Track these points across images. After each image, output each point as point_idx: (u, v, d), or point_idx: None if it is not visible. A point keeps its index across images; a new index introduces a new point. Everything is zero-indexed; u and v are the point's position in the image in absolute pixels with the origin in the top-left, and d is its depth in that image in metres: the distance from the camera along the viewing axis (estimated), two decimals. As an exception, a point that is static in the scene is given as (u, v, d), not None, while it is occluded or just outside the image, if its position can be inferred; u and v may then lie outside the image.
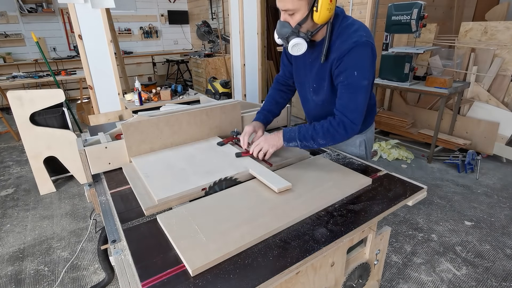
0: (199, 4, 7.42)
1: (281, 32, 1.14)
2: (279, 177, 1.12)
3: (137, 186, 1.14)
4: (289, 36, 1.13)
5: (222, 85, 5.19)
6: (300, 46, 1.13)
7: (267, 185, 1.10)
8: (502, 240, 2.20)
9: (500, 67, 3.39)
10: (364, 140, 1.45)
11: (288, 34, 1.12)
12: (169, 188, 1.08)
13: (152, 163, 1.28)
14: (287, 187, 1.09)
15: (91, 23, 2.90)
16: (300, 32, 1.12)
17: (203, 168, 1.22)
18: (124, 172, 1.27)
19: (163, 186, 1.09)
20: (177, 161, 1.29)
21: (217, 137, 1.53)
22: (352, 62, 1.11)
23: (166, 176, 1.17)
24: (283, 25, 1.13)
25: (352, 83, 1.12)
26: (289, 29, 1.12)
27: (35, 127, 2.77)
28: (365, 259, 1.16)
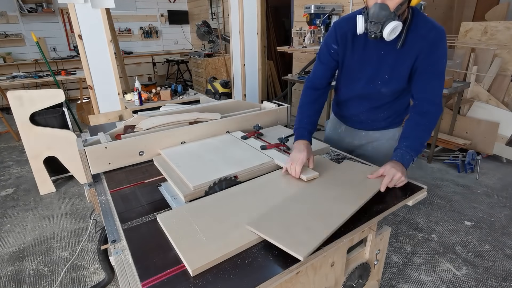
0: (199, 4, 7.42)
1: (379, 15, 1.05)
2: (306, 168, 1.18)
3: (172, 176, 1.19)
4: (387, 19, 1.05)
5: (222, 85, 5.19)
6: (396, 29, 1.07)
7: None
8: (502, 240, 2.20)
9: (500, 67, 3.39)
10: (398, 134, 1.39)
11: (386, 18, 1.05)
12: (202, 176, 1.14)
13: (181, 154, 1.34)
14: (314, 176, 1.15)
15: (91, 23, 2.90)
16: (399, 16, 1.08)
17: (231, 158, 1.29)
18: (155, 163, 1.34)
19: (196, 175, 1.15)
20: (204, 152, 1.36)
21: (240, 131, 1.60)
22: (442, 50, 1.14)
23: (197, 165, 1.23)
24: (382, 8, 1.04)
25: (442, 71, 1.16)
26: (388, 12, 1.04)
27: (35, 127, 2.77)
28: (365, 259, 1.16)
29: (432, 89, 1.18)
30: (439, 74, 1.16)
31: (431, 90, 1.18)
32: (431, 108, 1.18)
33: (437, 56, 1.14)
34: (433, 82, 1.17)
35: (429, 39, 1.12)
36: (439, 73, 1.16)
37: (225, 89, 5.16)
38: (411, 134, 1.18)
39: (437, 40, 1.12)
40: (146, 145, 1.38)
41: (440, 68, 1.16)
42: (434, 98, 1.18)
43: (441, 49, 1.14)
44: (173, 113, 1.62)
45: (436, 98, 1.18)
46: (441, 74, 1.17)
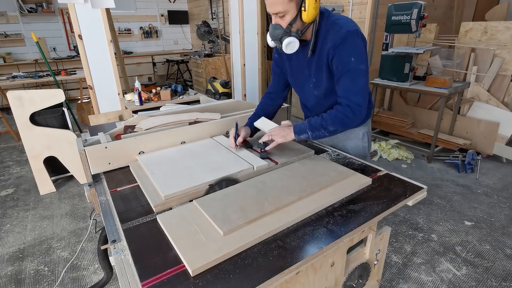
0: (199, 4, 7.42)
1: (274, 34, 1.21)
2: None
3: (145, 184, 1.15)
4: (282, 36, 1.19)
5: (222, 85, 5.19)
6: (293, 44, 1.20)
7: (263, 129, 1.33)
8: (502, 240, 2.20)
9: (500, 67, 3.39)
10: (367, 132, 1.50)
11: (280, 35, 1.19)
12: (175, 184, 1.09)
13: (157, 160, 1.30)
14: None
15: (91, 23, 2.90)
16: (291, 32, 1.19)
17: (208, 165, 1.24)
18: (131, 169, 1.29)
19: (169, 183, 1.10)
20: (181, 158, 1.32)
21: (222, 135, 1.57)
22: (347, 49, 1.18)
23: (172, 173, 1.19)
24: (275, 28, 1.20)
25: (351, 69, 1.19)
26: (281, 30, 1.19)
27: (35, 127, 2.77)
28: (365, 259, 1.16)
29: (343, 87, 1.23)
30: (348, 72, 1.20)
31: (342, 88, 1.23)
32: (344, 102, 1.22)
33: (342, 55, 1.19)
34: (343, 80, 1.22)
35: (334, 41, 1.19)
36: (348, 71, 1.19)
37: (225, 89, 5.16)
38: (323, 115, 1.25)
39: (339, 40, 1.17)
40: (146, 145, 1.38)
41: (349, 66, 1.19)
42: (347, 95, 1.21)
43: (346, 48, 1.18)
44: (173, 113, 1.62)
45: (349, 95, 1.21)
46: (350, 71, 1.19)
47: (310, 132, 1.23)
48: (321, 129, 1.22)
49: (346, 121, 1.22)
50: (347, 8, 3.88)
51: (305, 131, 1.24)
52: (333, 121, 1.21)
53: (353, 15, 3.86)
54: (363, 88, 1.20)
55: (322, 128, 1.22)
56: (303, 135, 1.25)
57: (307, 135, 1.24)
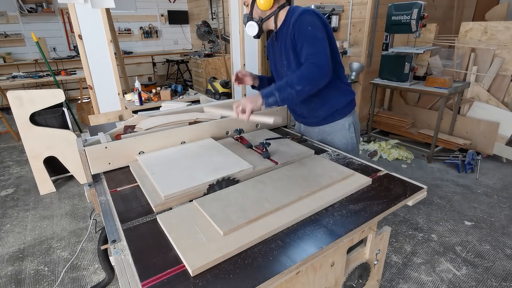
0: (199, 4, 7.42)
1: (244, 20, 1.48)
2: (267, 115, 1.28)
3: (145, 184, 1.15)
4: (247, 21, 1.45)
5: (222, 85, 5.19)
6: (252, 27, 1.44)
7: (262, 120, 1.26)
8: (502, 240, 2.20)
9: (500, 67, 3.39)
10: (353, 123, 1.56)
11: (246, 20, 1.45)
12: (175, 184, 1.09)
13: (157, 160, 1.30)
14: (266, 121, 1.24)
15: (91, 23, 2.90)
16: (253, 18, 1.44)
17: (208, 165, 1.24)
18: (131, 169, 1.29)
19: (169, 183, 1.10)
20: (181, 158, 1.31)
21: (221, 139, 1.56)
22: (304, 23, 1.31)
23: (172, 173, 1.18)
24: (245, 15, 1.47)
25: (309, 36, 1.29)
26: (247, 16, 1.45)
27: (35, 127, 2.77)
28: (365, 259, 1.16)
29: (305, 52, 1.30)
30: (307, 38, 1.29)
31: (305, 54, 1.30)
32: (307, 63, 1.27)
33: (300, 29, 1.31)
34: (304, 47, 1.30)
35: (292, 21, 1.34)
36: (307, 38, 1.29)
37: (225, 89, 5.16)
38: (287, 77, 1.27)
39: (296, 19, 1.32)
40: (146, 145, 1.38)
41: (306, 33, 1.29)
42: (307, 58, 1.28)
43: (303, 21, 1.31)
44: (173, 113, 1.62)
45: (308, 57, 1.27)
46: (307, 38, 1.29)
47: (277, 93, 1.22)
48: (288, 88, 1.22)
49: (312, 78, 1.24)
50: (347, 8, 3.88)
51: (272, 94, 1.22)
52: (299, 79, 1.23)
53: (353, 15, 3.86)
54: (323, 50, 1.27)
55: (289, 87, 1.22)
56: (271, 98, 1.23)
57: (275, 97, 1.22)
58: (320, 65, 1.25)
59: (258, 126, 1.74)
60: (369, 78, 3.90)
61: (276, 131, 1.76)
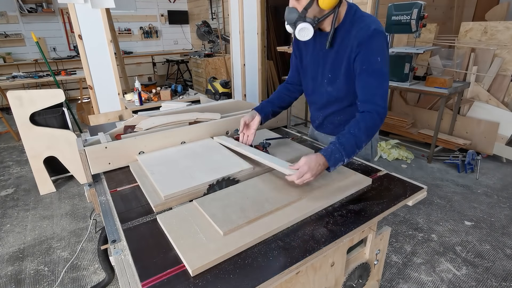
0: (199, 4, 7.42)
1: (288, 17, 1.16)
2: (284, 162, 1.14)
3: (145, 184, 1.15)
4: (296, 21, 1.15)
5: (222, 85, 5.18)
6: (306, 30, 1.14)
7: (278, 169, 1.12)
8: (502, 240, 2.20)
9: (500, 67, 3.39)
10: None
11: (295, 19, 1.15)
12: (175, 184, 1.09)
13: (157, 160, 1.30)
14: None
15: (91, 23, 2.90)
16: (306, 17, 1.14)
17: (208, 165, 1.24)
18: (131, 169, 1.29)
19: (169, 183, 1.11)
20: (181, 158, 1.31)
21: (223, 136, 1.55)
22: (375, 48, 1.12)
23: (172, 173, 1.19)
24: (291, 11, 1.15)
25: (378, 69, 1.13)
26: (296, 14, 1.14)
27: (35, 127, 2.77)
28: (365, 259, 1.16)
29: (368, 88, 1.15)
30: (373, 72, 1.13)
31: (367, 90, 1.15)
32: (369, 107, 1.13)
33: (368, 54, 1.13)
34: (368, 81, 1.15)
35: (358, 38, 1.13)
36: (373, 72, 1.13)
37: (225, 89, 5.16)
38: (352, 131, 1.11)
39: (365, 38, 1.12)
40: (146, 145, 1.38)
41: (374, 66, 1.13)
42: (371, 98, 1.14)
43: (372, 47, 1.12)
44: (173, 113, 1.62)
45: (374, 98, 1.13)
46: (376, 72, 1.13)
47: (346, 159, 1.07)
48: (356, 149, 1.09)
49: (375, 131, 1.13)
50: (347, 8, 3.88)
51: (341, 160, 1.06)
52: (366, 135, 1.10)
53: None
54: (387, 91, 1.15)
55: (357, 148, 1.09)
56: (338, 165, 1.07)
57: (343, 162, 1.08)
58: (384, 109, 1.12)
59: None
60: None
61: (276, 131, 1.76)
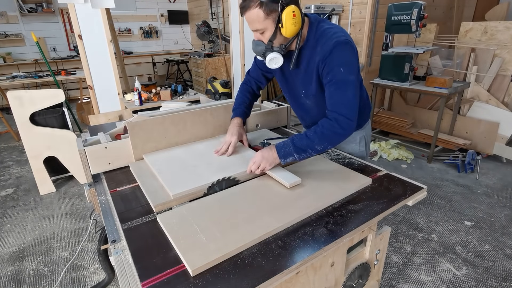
0: (199, 4, 7.41)
1: (256, 50, 1.20)
2: (289, 173, 1.16)
3: (145, 184, 1.15)
4: (265, 52, 1.18)
5: (222, 85, 5.18)
6: (276, 60, 1.18)
7: (278, 180, 1.14)
8: (502, 240, 2.20)
9: (500, 67, 3.39)
10: (364, 137, 1.48)
11: (263, 51, 1.18)
12: (183, 183, 1.10)
13: (163, 160, 1.30)
14: (297, 182, 1.12)
15: (91, 23, 2.90)
16: (273, 47, 1.17)
17: (215, 164, 1.25)
18: (131, 169, 1.29)
19: (177, 182, 1.11)
20: (188, 158, 1.32)
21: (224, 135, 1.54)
22: (336, 60, 1.14)
23: (179, 172, 1.19)
24: (257, 44, 1.19)
25: (340, 79, 1.14)
26: (263, 46, 1.18)
27: (35, 127, 2.77)
28: (365, 259, 1.16)
29: (334, 99, 1.16)
30: (337, 83, 1.14)
31: (333, 100, 1.16)
32: (332, 116, 1.14)
33: (331, 66, 1.14)
34: (333, 92, 1.16)
35: (322, 53, 1.15)
36: (337, 82, 1.14)
37: (225, 89, 5.16)
38: (307, 133, 1.16)
39: (327, 52, 1.13)
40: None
41: (337, 77, 1.14)
42: (336, 108, 1.14)
43: (335, 58, 1.13)
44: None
45: (338, 107, 1.14)
46: (339, 82, 1.14)
47: (296, 155, 1.15)
48: (308, 150, 1.14)
49: (334, 138, 1.14)
50: (347, 8, 3.88)
51: (290, 154, 1.15)
52: (320, 139, 1.13)
53: (353, 15, 3.86)
54: (353, 100, 1.14)
55: (309, 149, 1.14)
56: (289, 158, 1.16)
57: (294, 157, 1.15)
58: (347, 118, 1.12)
59: (258, 126, 1.74)
60: (369, 78, 3.90)
61: (276, 131, 1.76)
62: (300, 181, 1.13)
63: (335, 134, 1.14)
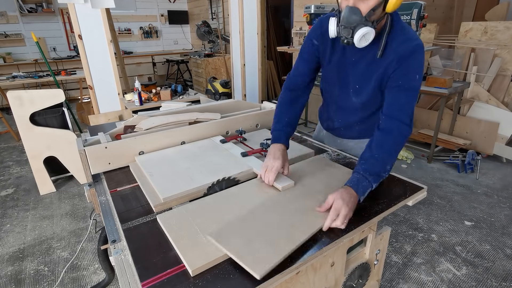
0: (199, 4, 7.42)
1: (349, 19, 0.99)
2: (282, 175, 1.14)
3: (145, 184, 1.15)
4: (358, 24, 0.99)
5: (222, 85, 5.19)
6: (368, 36, 1.00)
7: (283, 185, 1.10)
8: (502, 240, 2.20)
9: (500, 67, 3.39)
10: None
11: (357, 23, 0.98)
12: (174, 186, 1.09)
13: (156, 161, 1.29)
14: (289, 186, 1.10)
15: (91, 23, 2.90)
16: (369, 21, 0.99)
17: (207, 167, 1.23)
18: (131, 169, 1.29)
19: (168, 185, 1.10)
20: (180, 159, 1.31)
21: (220, 136, 1.54)
22: (415, 65, 1.05)
23: (171, 175, 1.18)
24: (353, 11, 0.97)
25: (413, 87, 1.06)
26: (360, 16, 0.98)
27: (35, 127, 2.77)
28: (365, 259, 1.16)
29: (399, 105, 1.07)
30: (408, 89, 1.06)
31: (397, 106, 1.07)
32: (395, 125, 1.05)
33: (407, 71, 1.05)
34: (400, 97, 1.07)
35: (400, 52, 1.05)
36: (408, 89, 1.06)
37: (225, 89, 5.16)
38: (373, 156, 1.03)
39: (407, 53, 1.04)
40: (146, 145, 1.38)
41: (410, 83, 1.05)
42: (399, 115, 1.05)
43: (412, 63, 1.04)
44: (173, 113, 1.63)
45: (402, 115, 1.05)
46: (410, 90, 1.06)
47: (374, 185, 1.02)
48: (383, 174, 1.04)
49: (399, 149, 1.06)
50: (347, 8, 3.87)
51: (369, 187, 1.01)
52: (391, 157, 1.04)
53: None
54: (413, 109, 1.08)
55: (383, 173, 1.04)
56: (367, 192, 1.01)
57: (371, 188, 1.02)
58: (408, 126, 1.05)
59: (258, 126, 1.74)
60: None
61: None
62: (293, 184, 1.10)
63: (400, 144, 1.06)
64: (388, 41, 1.07)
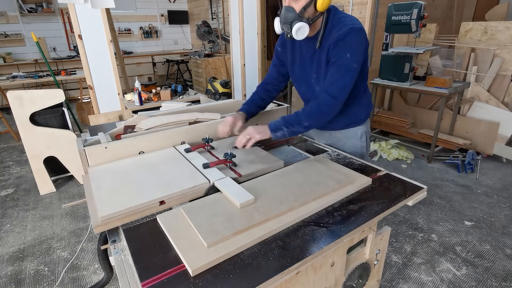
0: (199, 4, 7.41)
1: (286, 16, 1.19)
2: (243, 190, 1.05)
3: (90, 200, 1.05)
4: (294, 20, 1.18)
5: (222, 85, 5.19)
6: (303, 29, 1.19)
7: (229, 199, 1.02)
8: (502, 240, 2.20)
9: (500, 67, 3.39)
10: (365, 132, 1.52)
11: (292, 19, 1.18)
12: (119, 202, 0.98)
13: (109, 173, 1.19)
14: (249, 202, 1.00)
15: (91, 23, 2.90)
16: (303, 17, 1.19)
17: (162, 179, 1.13)
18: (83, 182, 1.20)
19: (112, 201, 0.99)
20: (136, 170, 1.21)
21: (186, 144, 1.45)
22: (346, 45, 1.19)
23: (120, 188, 1.08)
24: (289, 10, 1.18)
25: (343, 63, 1.20)
26: (294, 14, 1.18)
27: (35, 127, 2.77)
28: (365, 259, 1.16)
29: (329, 80, 1.22)
30: (340, 66, 1.20)
31: (328, 80, 1.23)
32: (321, 96, 1.23)
33: (339, 49, 1.20)
34: (332, 73, 1.22)
35: (336, 36, 1.20)
36: (340, 66, 1.20)
37: (225, 89, 5.16)
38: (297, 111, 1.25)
39: (341, 36, 1.18)
40: (146, 145, 1.38)
41: (341, 60, 1.19)
42: (328, 88, 1.22)
43: (347, 43, 1.18)
44: (173, 113, 1.62)
45: (330, 88, 1.21)
46: (341, 66, 1.20)
47: (285, 129, 1.23)
48: (295, 125, 1.23)
49: (320, 117, 1.24)
50: (347, 8, 3.88)
51: (280, 128, 1.24)
52: (307, 117, 1.22)
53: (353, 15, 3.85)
54: (347, 85, 1.21)
55: (297, 124, 1.23)
56: (279, 132, 1.24)
57: (283, 131, 1.24)
58: (334, 98, 1.21)
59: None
60: (369, 78, 3.89)
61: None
62: (253, 200, 1.00)
63: (321, 113, 1.23)
64: (328, 32, 1.25)
